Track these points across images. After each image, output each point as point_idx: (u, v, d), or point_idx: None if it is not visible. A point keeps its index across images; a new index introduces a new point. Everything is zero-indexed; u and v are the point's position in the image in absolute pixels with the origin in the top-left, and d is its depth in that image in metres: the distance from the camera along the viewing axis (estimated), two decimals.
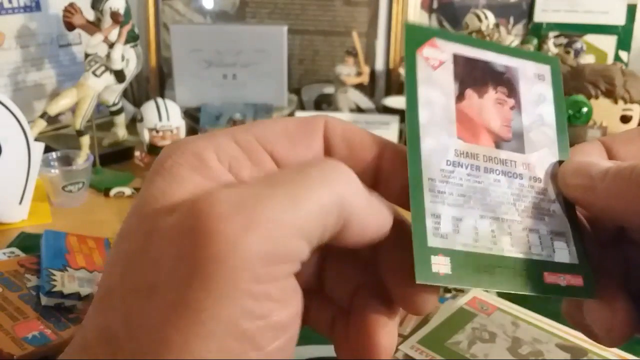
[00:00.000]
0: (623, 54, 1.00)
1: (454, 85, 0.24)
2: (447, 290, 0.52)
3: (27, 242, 0.59)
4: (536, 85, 0.25)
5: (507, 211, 0.23)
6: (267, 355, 0.16)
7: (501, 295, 0.49)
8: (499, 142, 0.24)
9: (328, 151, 0.21)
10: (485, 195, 0.23)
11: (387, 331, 0.22)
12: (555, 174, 0.24)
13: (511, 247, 0.22)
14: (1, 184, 0.62)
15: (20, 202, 0.64)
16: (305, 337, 0.20)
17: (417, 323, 0.45)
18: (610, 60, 1.00)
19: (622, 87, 0.74)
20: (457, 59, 0.24)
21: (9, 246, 0.59)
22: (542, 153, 0.24)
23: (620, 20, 0.99)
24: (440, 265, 0.21)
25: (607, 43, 1.00)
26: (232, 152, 0.20)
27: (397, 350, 0.41)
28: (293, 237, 0.17)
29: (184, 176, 0.19)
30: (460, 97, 0.24)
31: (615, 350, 0.41)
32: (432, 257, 0.21)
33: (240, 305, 0.15)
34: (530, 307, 0.44)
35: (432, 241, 0.21)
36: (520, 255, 0.22)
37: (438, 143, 0.23)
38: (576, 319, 0.23)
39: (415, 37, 0.24)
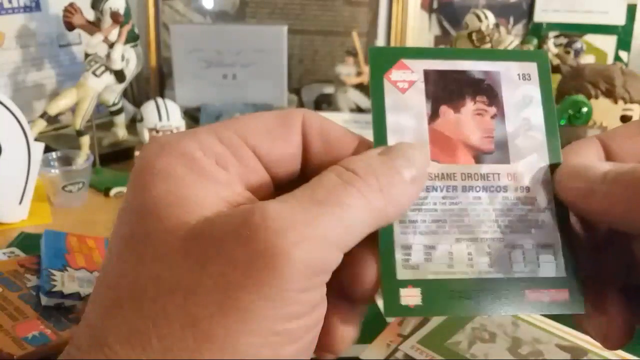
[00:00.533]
0: (623, 54, 1.00)
1: (426, 105, 0.23)
2: None
3: (27, 242, 0.59)
4: (521, 87, 0.24)
5: (487, 230, 0.22)
6: (300, 346, 0.18)
7: None
8: (479, 156, 0.23)
9: (305, 146, 0.22)
10: (462, 217, 0.22)
11: (345, 328, 0.22)
12: (546, 180, 0.23)
13: (490, 268, 0.21)
14: (1, 184, 0.62)
15: (20, 202, 0.64)
16: None
17: (417, 323, 0.45)
18: (610, 60, 1.00)
19: (622, 87, 0.74)
20: (429, 75, 0.23)
21: (8, 246, 0.59)
22: (530, 159, 0.23)
23: (620, 20, 0.99)
24: (410, 297, 0.20)
25: (607, 43, 1.00)
26: (216, 149, 0.20)
27: (397, 350, 0.41)
28: (335, 251, 0.18)
29: (182, 176, 0.19)
30: (433, 116, 0.23)
31: (617, 351, 0.41)
32: (401, 289, 0.20)
33: (285, 309, 0.17)
34: None
35: (402, 274, 0.21)
36: (500, 275, 0.21)
37: None
38: (575, 320, 0.23)
39: (381, 61, 0.23)
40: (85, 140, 0.75)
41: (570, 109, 0.75)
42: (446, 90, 0.23)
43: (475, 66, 0.24)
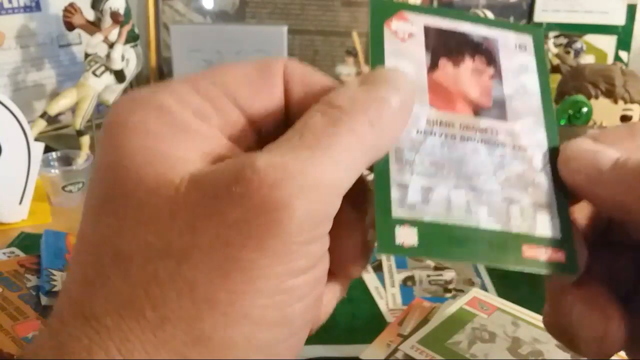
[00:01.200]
0: (623, 54, 1.00)
1: (426, 55, 0.23)
2: (447, 290, 0.52)
3: (27, 242, 0.59)
4: (518, 56, 0.24)
5: (485, 181, 0.21)
6: (307, 303, 0.18)
7: (501, 295, 0.49)
8: (478, 111, 0.23)
9: (287, 96, 0.21)
10: (461, 165, 0.21)
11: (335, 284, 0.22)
12: (542, 143, 0.23)
13: (488, 218, 0.21)
14: (1, 184, 0.62)
15: (20, 202, 0.64)
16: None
17: (417, 323, 0.45)
18: (610, 60, 1.00)
19: (622, 87, 0.74)
20: (429, 31, 0.23)
21: (8, 246, 0.59)
22: (527, 121, 0.23)
23: (620, 20, 0.99)
24: (406, 236, 0.20)
25: (607, 43, 1.00)
26: (193, 101, 0.19)
27: (397, 350, 0.41)
28: (335, 196, 0.18)
29: (159, 131, 0.18)
30: (433, 66, 0.23)
31: None
32: (397, 227, 0.20)
33: (291, 264, 0.16)
34: (530, 307, 0.44)
35: (397, 212, 0.20)
36: (498, 227, 0.21)
37: None
38: (559, 326, 0.22)
39: (382, 11, 0.23)
40: (86, 140, 0.75)
41: (570, 109, 0.75)
42: (446, 46, 0.23)
43: (474, 30, 0.24)
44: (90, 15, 0.79)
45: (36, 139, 0.66)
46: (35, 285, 0.49)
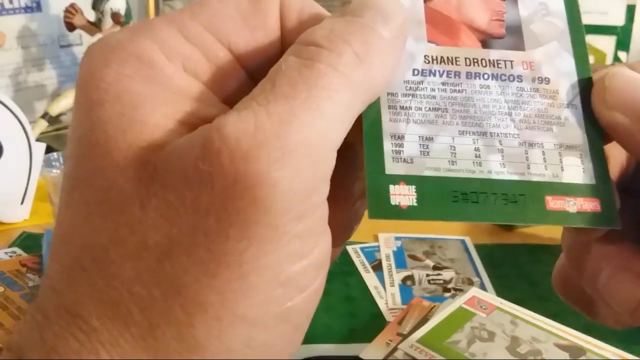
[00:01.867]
0: (622, 55, 1.00)
1: None
2: (446, 289, 0.52)
3: (29, 242, 0.60)
4: None
5: (498, 123, 0.18)
6: (309, 294, 0.15)
7: (500, 294, 0.49)
8: (487, 41, 0.19)
9: (284, 32, 0.18)
10: (467, 107, 0.18)
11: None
12: (570, 71, 0.19)
13: (502, 167, 0.18)
14: (3, 184, 0.62)
15: (22, 202, 0.65)
16: (306, 336, 0.20)
17: (416, 322, 0.45)
18: (609, 60, 1.00)
19: None
20: None
21: (10, 246, 0.59)
22: (550, 47, 0.20)
23: (619, 20, 0.99)
24: (402, 196, 0.17)
25: (606, 43, 1.00)
26: (182, 50, 0.16)
27: (396, 349, 0.41)
28: (326, 153, 0.15)
29: (139, 91, 0.15)
30: None
31: (615, 349, 0.41)
32: (391, 186, 0.17)
33: (285, 249, 0.14)
34: (529, 306, 0.45)
35: (392, 167, 0.17)
36: (514, 177, 0.18)
37: None
38: (575, 289, 0.19)
39: None
40: None
41: None
42: None
43: None
44: (91, 15, 0.80)
45: (37, 140, 0.66)
46: (36, 285, 0.49)
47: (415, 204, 0.17)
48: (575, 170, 0.18)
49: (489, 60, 0.19)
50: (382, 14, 0.16)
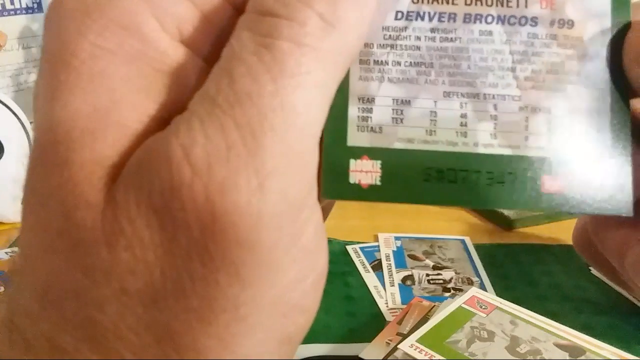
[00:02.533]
0: None
1: None
2: (446, 289, 0.52)
3: None
4: None
5: (496, 82, 0.15)
6: (311, 313, 0.14)
7: (500, 294, 0.49)
8: None
9: None
10: (460, 60, 0.15)
11: None
12: (603, 11, 0.15)
13: (492, 139, 0.15)
14: (3, 183, 0.62)
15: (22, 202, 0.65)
16: (306, 336, 0.20)
17: (416, 322, 0.45)
18: None
19: None
20: None
21: (11, 245, 0.59)
22: None
23: None
24: (364, 172, 0.14)
25: None
26: (179, 10, 0.13)
27: (396, 349, 0.41)
28: (309, 154, 0.12)
29: (121, 77, 0.12)
30: None
31: (614, 349, 0.41)
32: (352, 161, 0.15)
33: (283, 280, 0.12)
34: (529, 306, 0.45)
35: (355, 138, 0.15)
36: (506, 151, 0.15)
37: None
38: (598, 254, 0.17)
39: None
40: None
41: None
42: None
43: None
44: None
45: None
46: None
47: (378, 183, 0.14)
48: (588, 143, 0.15)
49: None
50: None
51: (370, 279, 0.53)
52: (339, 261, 0.55)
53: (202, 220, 0.11)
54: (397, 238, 0.59)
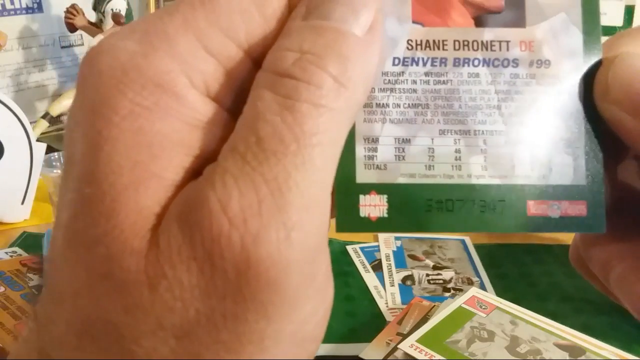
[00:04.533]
0: None
1: None
2: (446, 289, 0.52)
3: (30, 242, 0.60)
4: None
5: (484, 119, 0.17)
6: (320, 341, 0.15)
7: (500, 294, 0.49)
8: (482, 18, 0.17)
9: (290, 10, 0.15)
10: (452, 101, 0.17)
11: None
12: (576, 50, 0.17)
13: (483, 170, 0.17)
14: (3, 184, 0.63)
15: (23, 202, 0.65)
16: None
17: (416, 322, 0.45)
18: None
19: None
20: None
21: (11, 246, 0.59)
22: (556, 21, 0.17)
23: (618, 21, 0.99)
24: (372, 206, 0.16)
25: None
26: (204, 66, 0.14)
27: (396, 349, 0.41)
28: (325, 201, 0.14)
29: (159, 132, 0.13)
30: None
31: (614, 349, 0.41)
32: (361, 197, 0.16)
33: (300, 315, 0.14)
34: (528, 306, 0.45)
35: (363, 175, 0.16)
36: (495, 181, 0.16)
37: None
38: (590, 273, 0.19)
39: None
40: None
41: None
42: None
43: None
44: (91, 16, 0.80)
45: (38, 140, 0.67)
46: (37, 285, 0.49)
47: (385, 215, 0.16)
48: (566, 169, 0.17)
49: (482, 42, 0.17)
50: (351, 7, 0.14)
51: (370, 279, 0.53)
52: (339, 261, 0.55)
53: (238, 267, 0.13)
54: (397, 238, 0.59)
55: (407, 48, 0.17)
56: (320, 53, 0.14)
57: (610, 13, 1.00)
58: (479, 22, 0.17)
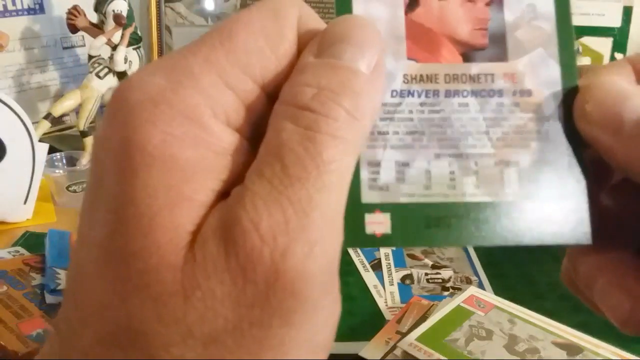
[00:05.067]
0: (619, 56, 1.00)
1: None
2: (445, 288, 0.53)
3: (32, 241, 0.60)
4: None
5: (475, 143, 0.18)
6: (329, 350, 0.16)
7: (498, 293, 0.49)
8: (469, 54, 0.19)
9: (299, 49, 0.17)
10: (444, 128, 0.18)
11: None
12: (554, 80, 0.19)
13: (476, 189, 0.18)
14: (6, 184, 0.63)
15: (25, 202, 0.65)
16: None
17: (415, 321, 0.45)
18: (606, 62, 1.00)
19: None
20: None
21: (13, 245, 0.59)
22: (535, 55, 0.19)
23: (616, 22, 1.00)
24: (377, 224, 0.18)
25: (603, 45, 1.00)
26: (225, 100, 0.16)
27: (395, 347, 0.42)
28: (340, 221, 0.15)
29: (189, 159, 0.15)
30: (412, 4, 0.19)
31: (613, 348, 0.41)
32: (367, 215, 0.18)
33: (317, 322, 0.15)
34: (527, 305, 0.45)
35: (368, 196, 0.18)
36: (487, 199, 0.18)
37: None
38: (578, 289, 0.20)
39: None
40: (89, 141, 0.76)
41: None
42: None
43: None
44: (93, 17, 0.80)
45: (40, 140, 0.67)
46: (39, 284, 0.50)
47: (389, 232, 0.18)
48: (552, 187, 0.18)
49: (469, 76, 0.19)
50: (360, 49, 0.16)
51: (369, 278, 0.54)
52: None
53: (267, 278, 0.14)
54: None
55: (404, 82, 0.19)
56: (336, 89, 0.15)
57: (609, 14, 1.00)
58: (466, 57, 0.19)
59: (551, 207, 0.18)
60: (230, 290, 0.14)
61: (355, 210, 0.18)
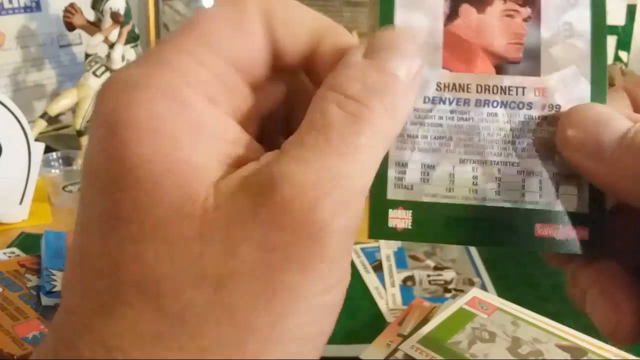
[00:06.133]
0: (623, 54, 1.00)
1: (444, 2, 0.20)
2: (447, 290, 0.52)
3: (28, 242, 0.59)
4: None
5: (500, 152, 0.19)
6: (336, 314, 0.17)
7: (501, 295, 0.49)
8: (502, 66, 0.20)
9: (272, 37, 0.19)
10: (472, 135, 0.19)
11: None
12: (584, 98, 0.19)
13: (496, 195, 0.19)
14: (1, 184, 0.62)
15: (21, 202, 0.65)
16: None
17: (417, 323, 0.45)
18: (609, 60, 1.00)
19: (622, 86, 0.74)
20: None
21: (9, 246, 0.59)
22: (567, 73, 0.20)
23: (620, 20, 0.99)
24: (399, 219, 0.19)
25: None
26: (202, 77, 0.17)
27: (397, 350, 0.41)
28: (363, 198, 0.17)
29: (175, 130, 0.16)
30: (452, 16, 0.20)
31: (616, 350, 0.41)
32: (390, 210, 0.19)
33: (328, 281, 0.16)
34: (530, 307, 0.44)
35: (393, 193, 0.19)
36: (506, 205, 0.19)
37: None
38: (577, 301, 0.21)
39: None
40: (86, 140, 0.75)
41: None
42: None
43: None
44: (90, 15, 0.79)
45: (36, 139, 0.66)
46: (35, 285, 0.49)
47: (410, 227, 0.19)
48: (570, 199, 0.19)
49: (501, 87, 0.20)
50: (402, 58, 0.18)
51: (370, 279, 0.53)
52: None
53: (294, 226, 0.15)
54: None
55: (437, 89, 0.20)
56: (380, 89, 0.17)
57: (612, 12, 1.00)
58: (499, 69, 0.20)
59: (569, 217, 0.19)
60: (252, 235, 0.15)
61: (380, 205, 0.19)
